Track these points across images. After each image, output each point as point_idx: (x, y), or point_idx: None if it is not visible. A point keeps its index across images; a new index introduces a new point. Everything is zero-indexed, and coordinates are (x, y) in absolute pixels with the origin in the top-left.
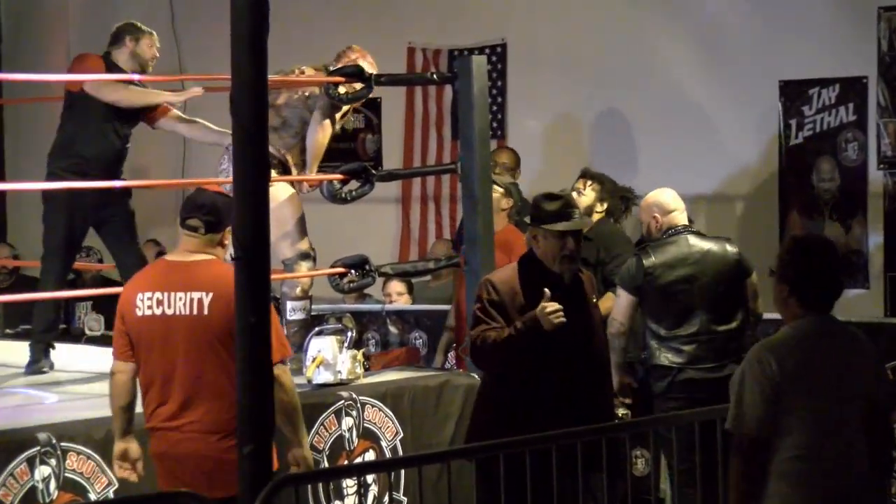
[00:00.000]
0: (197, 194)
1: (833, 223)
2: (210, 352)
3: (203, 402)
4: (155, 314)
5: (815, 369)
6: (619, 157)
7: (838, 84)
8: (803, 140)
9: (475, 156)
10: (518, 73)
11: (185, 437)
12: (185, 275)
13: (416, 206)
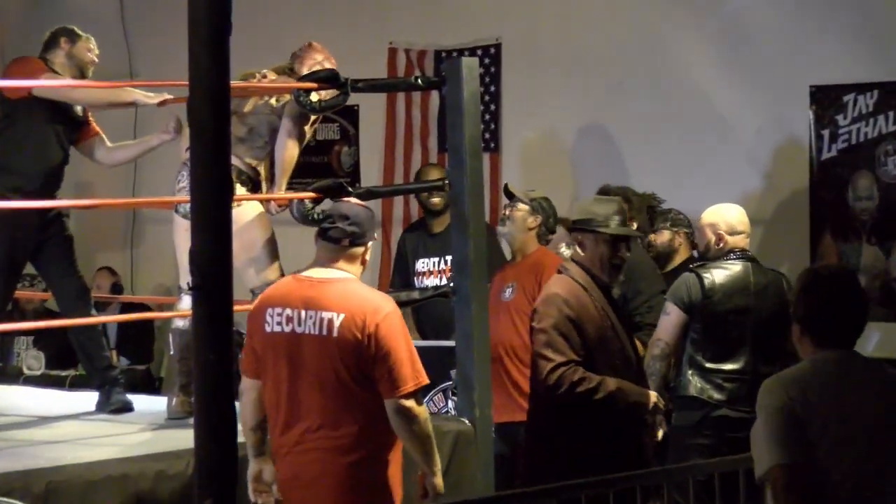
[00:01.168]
0: (339, 204)
1: (871, 247)
2: (335, 376)
3: (331, 424)
4: (284, 331)
5: (839, 400)
6: (630, 170)
7: (876, 90)
8: (837, 153)
9: (465, 170)
10: (514, 76)
11: (311, 458)
12: (318, 292)
13: (398, 229)
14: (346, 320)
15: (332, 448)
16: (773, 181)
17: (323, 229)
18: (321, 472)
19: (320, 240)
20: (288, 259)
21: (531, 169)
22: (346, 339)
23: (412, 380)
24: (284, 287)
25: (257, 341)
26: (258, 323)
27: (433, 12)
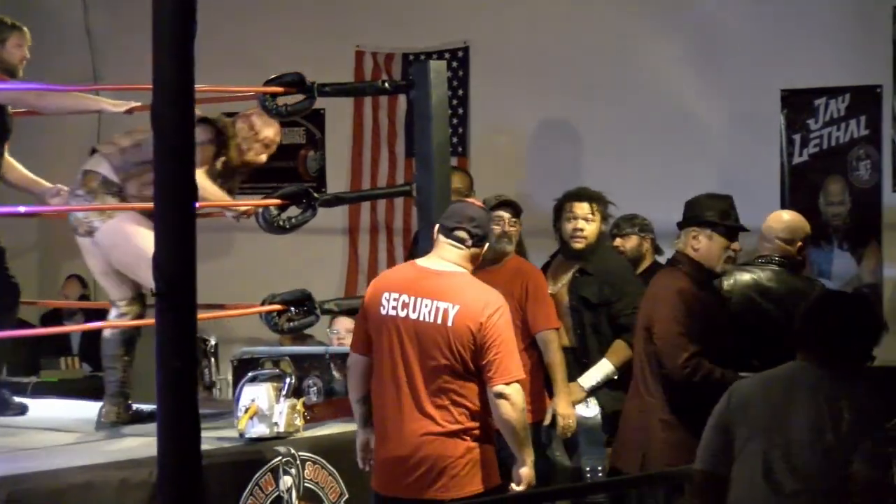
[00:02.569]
0: (464, 205)
1: (843, 253)
2: (447, 361)
3: (441, 407)
4: (399, 315)
5: (768, 412)
6: (598, 174)
7: (848, 94)
8: (809, 158)
9: (433, 176)
10: (483, 80)
11: (422, 440)
12: (435, 283)
13: (364, 235)
14: (461, 311)
15: (442, 431)
16: (744, 186)
17: (448, 228)
18: (431, 454)
19: (443, 237)
20: (251, 265)
21: (500, 173)
22: (459, 329)
23: (516, 371)
24: (402, 273)
25: (371, 322)
26: (374, 304)
27: (400, 16)
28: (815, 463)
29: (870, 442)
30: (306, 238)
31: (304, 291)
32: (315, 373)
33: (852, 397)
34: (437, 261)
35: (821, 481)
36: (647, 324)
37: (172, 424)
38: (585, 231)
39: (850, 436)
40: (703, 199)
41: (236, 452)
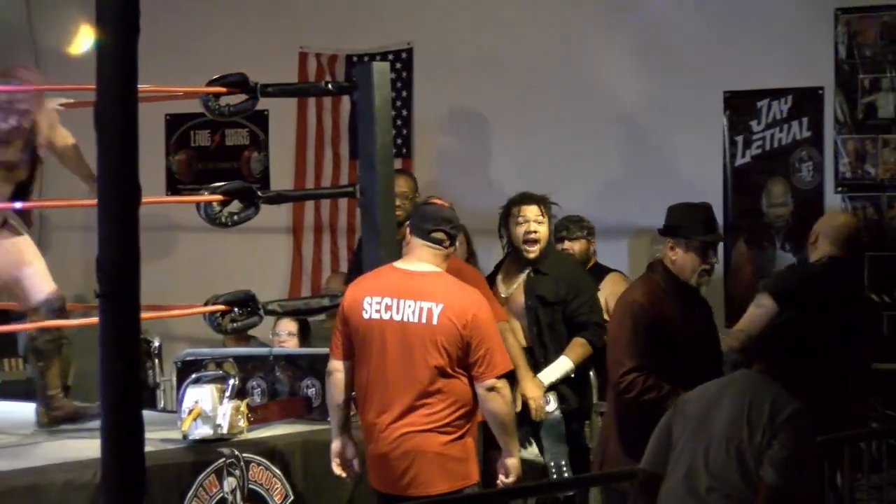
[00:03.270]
0: (437, 207)
1: (785, 254)
2: (435, 359)
3: (426, 405)
4: (383, 318)
5: (700, 411)
6: (544, 176)
7: (791, 95)
8: (751, 159)
9: (376, 177)
10: (426, 81)
11: (407, 437)
12: (416, 283)
13: (308, 235)
14: (446, 310)
15: (427, 427)
16: (688, 187)
17: (426, 230)
18: (414, 447)
19: (419, 239)
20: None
21: (444, 175)
22: (445, 327)
23: (502, 364)
24: (381, 277)
25: (352, 327)
26: (355, 310)
27: (344, 17)
28: (728, 463)
29: (783, 449)
30: (250, 238)
31: (248, 292)
32: (259, 374)
33: (777, 403)
34: (414, 262)
35: (731, 482)
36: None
37: (116, 426)
38: (539, 233)
39: (763, 439)
40: (681, 209)
41: (180, 454)
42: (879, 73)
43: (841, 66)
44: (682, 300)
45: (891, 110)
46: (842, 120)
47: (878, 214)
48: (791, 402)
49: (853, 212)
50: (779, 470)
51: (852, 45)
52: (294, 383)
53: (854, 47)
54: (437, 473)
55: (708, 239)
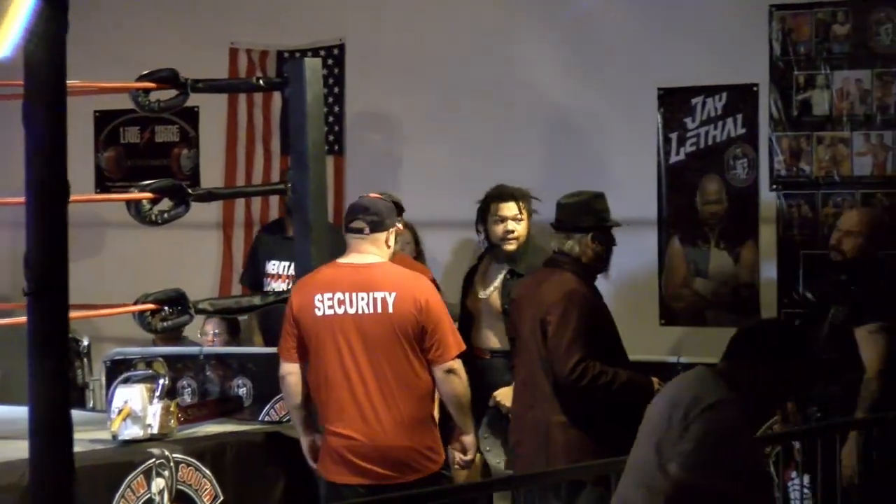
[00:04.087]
0: (359, 200)
1: (720, 252)
2: (396, 348)
3: (393, 396)
4: (337, 313)
5: (651, 406)
6: (477, 172)
7: (725, 92)
8: (685, 156)
9: (308, 174)
10: (358, 78)
11: (378, 431)
12: (364, 276)
13: (239, 232)
14: (399, 297)
15: (396, 416)
16: (621, 185)
17: (347, 225)
18: (386, 441)
19: (348, 234)
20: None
21: (376, 172)
22: (401, 314)
23: (456, 345)
24: (327, 274)
25: (304, 327)
26: (306, 310)
27: (275, 12)
28: (650, 457)
29: (689, 441)
30: (180, 235)
31: (178, 290)
32: (189, 374)
33: (700, 396)
34: (354, 256)
35: (652, 476)
36: (540, 328)
37: (44, 426)
38: (517, 232)
39: (676, 431)
40: (598, 201)
41: (109, 454)
42: (814, 70)
43: (775, 63)
44: (595, 291)
45: (826, 107)
46: (776, 117)
47: (812, 213)
48: (715, 395)
49: (787, 210)
50: (681, 462)
51: (787, 42)
52: (225, 383)
53: (789, 44)
54: (401, 467)
55: (614, 224)
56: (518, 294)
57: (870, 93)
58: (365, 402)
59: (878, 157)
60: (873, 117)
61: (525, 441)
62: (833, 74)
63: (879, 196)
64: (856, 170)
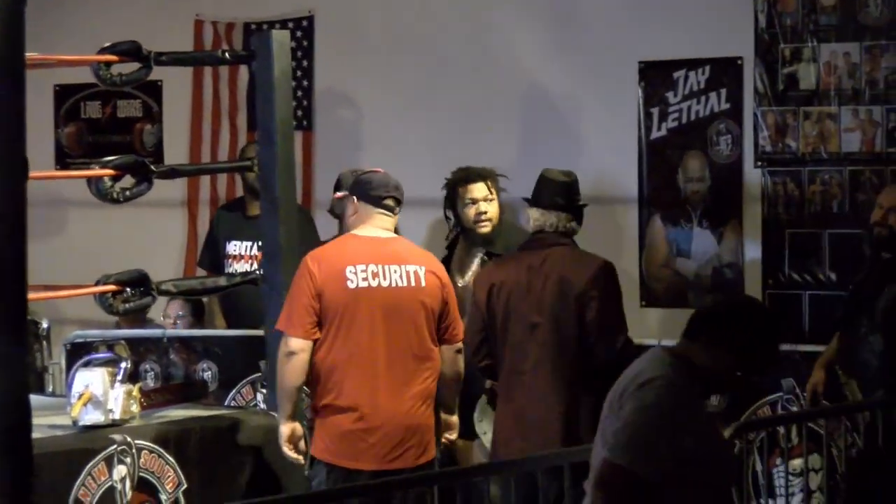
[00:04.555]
0: (384, 175)
1: (703, 231)
2: (422, 323)
3: (417, 373)
4: (371, 286)
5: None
6: (451, 152)
7: (708, 66)
8: (667, 132)
9: (276, 150)
10: (328, 51)
11: (405, 408)
12: (392, 249)
13: (204, 211)
14: (428, 272)
15: (417, 398)
16: (601, 162)
17: (379, 197)
18: (411, 421)
19: (373, 207)
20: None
21: (346, 149)
22: (431, 288)
23: (462, 326)
24: (353, 245)
25: (331, 300)
26: (335, 281)
27: None
28: (596, 440)
29: (618, 420)
30: (143, 214)
31: (140, 271)
32: (152, 357)
33: (639, 375)
34: (375, 230)
35: (596, 458)
36: (576, 305)
37: (1, 411)
38: (489, 213)
39: (615, 412)
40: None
41: (69, 441)
42: (800, 43)
43: (761, 35)
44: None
45: (812, 82)
46: (762, 92)
47: (798, 190)
48: (651, 372)
49: (772, 187)
50: (609, 441)
51: (772, 14)
52: (189, 366)
53: (774, 16)
54: (426, 445)
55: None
56: (517, 276)
57: (858, 66)
58: (389, 381)
59: (866, 133)
60: (862, 92)
61: (538, 426)
62: (820, 47)
63: (868, 174)
64: (843, 146)
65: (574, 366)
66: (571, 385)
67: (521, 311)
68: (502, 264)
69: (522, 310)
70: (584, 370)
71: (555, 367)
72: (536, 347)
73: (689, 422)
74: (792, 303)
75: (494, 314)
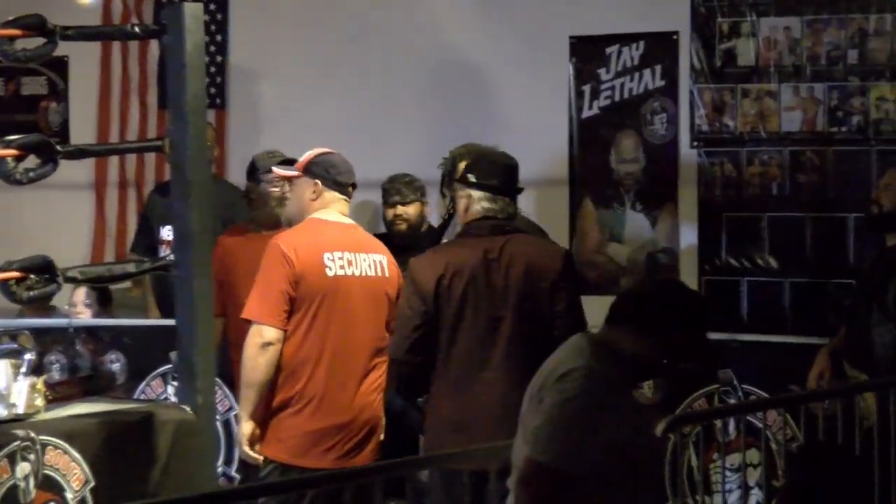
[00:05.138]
0: (344, 159)
1: (636, 215)
2: (383, 314)
3: (376, 366)
4: (347, 274)
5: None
6: (371, 130)
7: (643, 41)
8: (599, 111)
9: (188, 129)
10: (243, 26)
11: (367, 402)
12: (356, 236)
13: (112, 193)
14: (389, 262)
15: (378, 391)
16: (530, 142)
17: (342, 183)
18: (375, 415)
19: (337, 193)
20: None
21: (261, 127)
22: (393, 279)
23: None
24: (326, 231)
25: (309, 288)
26: (314, 267)
27: None
28: (518, 436)
29: (539, 415)
30: (48, 196)
31: (45, 257)
32: (58, 348)
33: (558, 366)
34: (338, 215)
35: (518, 456)
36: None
37: None
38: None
39: (536, 405)
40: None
41: None
42: (739, 18)
43: (697, 9)
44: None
45: (751, 58)
46: (698, 68)
47: (736, 172)
48: (571, 363)
49: (709, 169)
50: (530, 438)
51: None
52: (96, 358)
53: None
54: (377, 440)
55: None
56: (473, 265)
57: (799, 42)
58: (358, 374)
59: (807, 111)
60: (803, 68)
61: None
62: (759, 22)
63: (809, 154)
64: (784, 125)
65: (541, 361)
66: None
67: (480, 303)
68: (448, 251)
69: (483, 302)
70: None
71: (523, 362)
72: (502, 342)
73: (613, 411)
74: (729, 290)
75: (444, 306)
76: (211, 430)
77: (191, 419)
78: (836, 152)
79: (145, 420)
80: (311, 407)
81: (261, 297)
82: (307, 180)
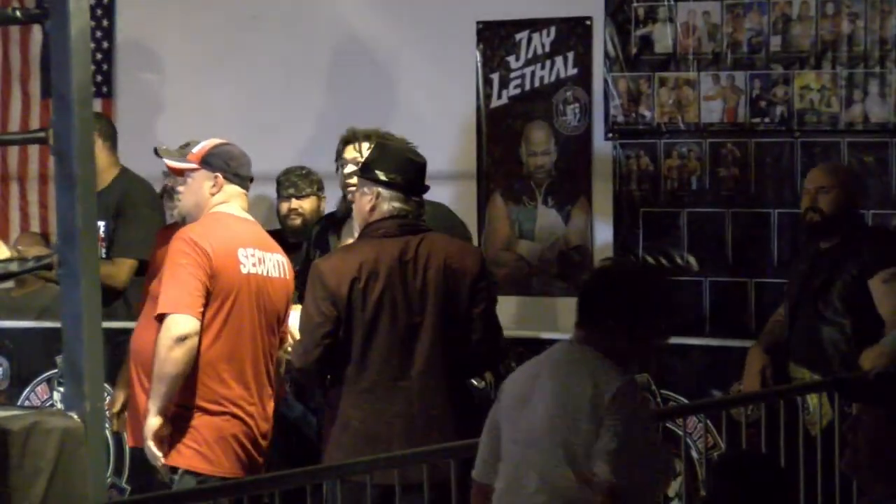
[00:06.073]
0: (242, 151)
1: (548, 210)
2: (283, 316)
3: (269, 371)
4: (257, 273)
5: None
6: (272, 119)
7: (554, 27)
8: (508, 100)
9: (73, 120)
10: (131, 10)
11: (270, 409)
12: (261, 234)
13: None
14: (287, 263)
15: (272, 395)
16: (436, 133)
17: (242, 176)
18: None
19: (238, 187)
20: None
21: (151, 117)
22: (290, 281)
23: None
24: (236, 227)
25: (223, 283)
26: (230, 261)
27: None
28: (556, 458)
29: (613, 439)
30: None
31: None
32: None
33: (599, 382)
34: (240, 210)
35: (562, 479)
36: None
37: None
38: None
39: (590, 427)
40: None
41: None
42: (655, 2)
43: None
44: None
45: (669, 44)
46: (612, 56)
47: (653, 165)
48: (613, 377)
49: (625, 161)
50: (613, 464)
51: None
52: None
53: None
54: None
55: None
56: (388, 268)
57: (719, 28)
58: (264, 378)
59: (728, 101)
60: (723, 56)
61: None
62: (677, 6)
63: (730, 146)
64: (703, 116)
65: (462, 364)
66: (462, 385)
67: (398, 307)
68: (360, 251)
69: (400, 306)
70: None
71: (442, 369)
72: (421, 348)
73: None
74: None
75: (358, 311)
76: (99, 438)
77: (78, 427)
78: (759, 144)
79: (30, 429)
80: (226, 412)
81: (175, 289)
82: (206, 173)
